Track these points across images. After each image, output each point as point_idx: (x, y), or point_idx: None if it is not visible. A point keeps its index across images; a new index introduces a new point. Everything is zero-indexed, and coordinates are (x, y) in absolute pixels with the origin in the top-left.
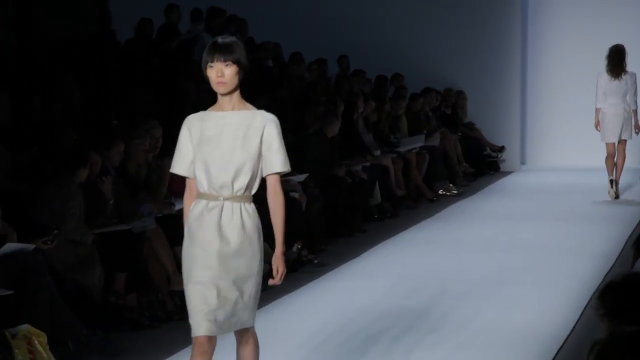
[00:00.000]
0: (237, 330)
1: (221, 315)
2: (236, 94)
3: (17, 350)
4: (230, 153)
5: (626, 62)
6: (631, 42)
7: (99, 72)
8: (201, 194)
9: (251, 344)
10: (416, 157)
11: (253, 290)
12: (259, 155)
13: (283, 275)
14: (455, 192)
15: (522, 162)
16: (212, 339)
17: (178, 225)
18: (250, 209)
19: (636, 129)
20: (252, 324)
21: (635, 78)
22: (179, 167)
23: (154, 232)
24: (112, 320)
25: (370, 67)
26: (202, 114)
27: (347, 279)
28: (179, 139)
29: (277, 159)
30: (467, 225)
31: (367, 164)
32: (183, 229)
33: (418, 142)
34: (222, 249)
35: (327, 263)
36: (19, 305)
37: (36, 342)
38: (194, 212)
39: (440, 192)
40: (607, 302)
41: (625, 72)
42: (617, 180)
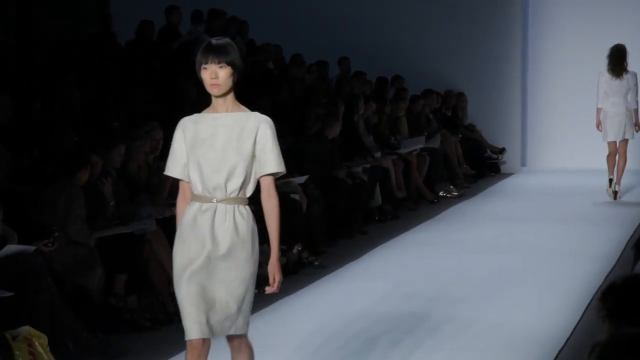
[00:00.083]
0: (230, 337)
1: (213, 318)
2: (230, 96)
3: (17, 352)
4: (224, 154)
5: (627, 61)
6: (631, 43)
7: (99, 73)
8: (195, 196)
9: (246, 352)
10: (417, 158)
11: (247, 295)
12: (253, 156)
13: (280, 283)
14: (455, 193)
15: (523, 164)
16: (205, 341)
17: None
18: (245, 212)
19: (637, 127)
20: (245, 331)
21: (637, 77)
22: (172, 169)
23: (155, 233)
24: (112, 322)
25: (370, 69)
26: (196, 116)
27: (348, 281)
28: (172, 141)
29: (271, 160)
30: (467, 227)
31: (368, 166)
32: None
33: (418, 144)
34: (212, 251)
35: (328, 265)
36: (19, 307)
37: (37, 343)
38: (188, 215)
39: (440, 193)
40: (608, 304)
41: (627, 71)
42: (619, 182)
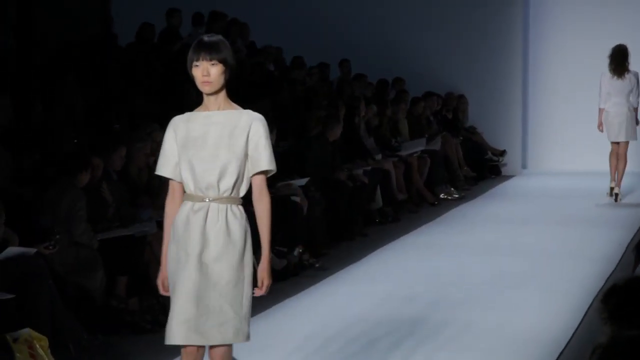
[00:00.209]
0: (212, 348)
1: (207, 324)
2: (222, 94)
3: (18, 354)
4: (216, 153)
5: (629, 61)
6: (632, 44)
7: (100, 75)
8: (187, 196)
9: None
10: (417, 161)
11: (244, 300)
12: (246, 154)
13: (268, 286)
14: (456, 196)
15: (524, 166)
16: (200, 348)
17: None
18: (238, 212)
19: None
20: (245, 337)
21: (638, 77)
22: (163, 169)
23: (155, 236)
24: (113, 324)
25: (371, 71)
26: (187, 115)
27: (349, 283)
28: (164, 140)
29: (263, 157)
30: (468, 229)
31: (369, 168)
32: None
33: (419, 146)
34: (204, 253)
35: (329, 267)
36: (20, 309)
37: (37, 346)
38: (181, 216)
39: (441, 196)
40: (609, 306)
41: (629, 71)
42: (619, 184)
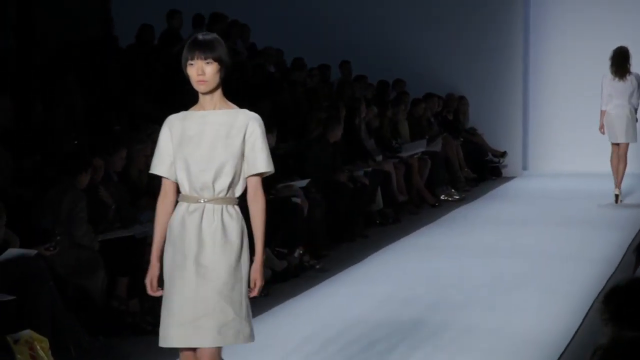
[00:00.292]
0: (201, 350)
1: (205, 326)
2: (218, 93)
3: (19, 356)
4: (212, 153)
5: (630, 63)
6: (633, 46)
7: (100, 76)
8: (182, 196)
9: None
10: (418, 162)
11: (243, 300)
12: (242, 154)
13: (261, 288)
14: (457, 197)
15: (524, 168)
16: (197, 350)
17: None
18: (234, 212)
19: None
20: (246, 338)
21: None
22: (158, 168)
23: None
24: (114, 326)
25: (372, 73)
26: (183, 113)
27: (349, 285)
28: (159, 139)
29: (259, 159)
30: (468, 230)
31: (369, 169)
32: None
33: (420, 148)
34: (200, 254)
35: (329, 268)
36: (21, 311)
37: (38, 347)
38: (176, 217)
39: (442, 197)
40: (610, 307)
41: (630, 73)
42: (619, 185)
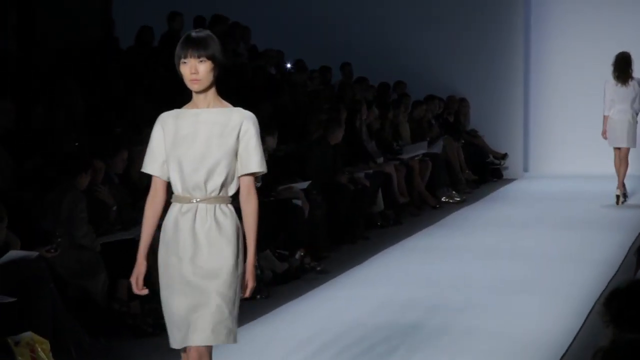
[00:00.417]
0: (193, 348)
1: (202, 324)
2: (212, 91)
3: (20, 358)
4: (205, 152)
5: (632, 68)
6: (634, 49)
7: (101, 77)
8: (175, 197)
9: None
10: (419, 164)
11: (236, 299)
12: (235, 153)
13: (252, 289)
14: (458, 199)
15: (525, 170)
16: (201, 352)
17: None
18: (228, 210)
19: None
20: (235, 338)
21: None
22: (150, 166)
23: (157, 239)
24: (115, 327)
25: (373, 75)
26: (176, 111)
27: (350, 286)
28: (151, 137)
29: (253, 159)
30: (469, 232)
31: (370, 171)
32: None
33: (421, 150)
34: (196, 255)
35: (330, 270)
36: (21, 313)
37: (39, 349)
38: (169, 219)
39: (443, 199)
40: (612, 309)
41: (632, 78)
42: (620, 187)
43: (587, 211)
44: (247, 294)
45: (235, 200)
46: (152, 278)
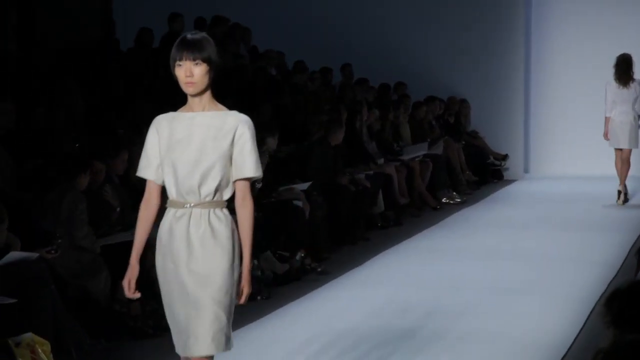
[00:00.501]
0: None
1: (203, 333)
2: (207, 94)
3: (20, 359)
4: (199, 156)
5: (633, 70)
6: (635, 50)
7: (101, 78)
8: (170, 202)
9: None
10: (419, 165)
11: (232, 305)
12: (230, 157)
13: (248, 296)
14: (458, 200)
15: (526, 171)
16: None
17: None
18: (222, 215)
19: None
20: (232, 344)
21: None
22: (145, 170)
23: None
24: (115, 329)
25: (373, 76)
26: (171, 114)
27: (351, 287)
28: (146, 140)
29: (248, 163)
30: (470, 233)
31: (371, 172)
32: None
33: (421, 151)
34: (191, 261)
35: (331, 271)
36: (22, 314)
37: (40, 350)
38: (164, 225)
39: (443, 200)
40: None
41: (633, 79)
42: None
43: (587, 212)
44: (243, 300)
45: (230, 203)
46: (151, 278)
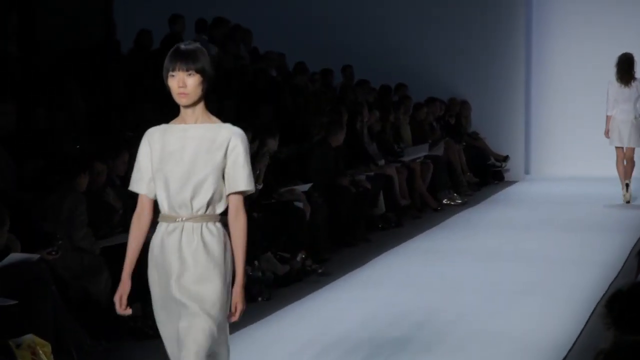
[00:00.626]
0: None
1: (195, 353)
2: (200, 106)
3: None
4: (191, 169)
5: (635, 69)
6: (636, 50)
7: (102, 80)
8: (162, 216)
9: None
10: (420, 166)
11: (226, 322)
12: (222, 170)
13: (241, 312)
14: (459, 201)
15: (527, 172)
16: None
17: None
18: (215, 229)
19: None
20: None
21: None
22: (137, 184)
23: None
24: (116, 330)
25: (374, 77)
26: (164, 126)
27: (352, 289)
28: (138, 153)
29: (241, 177)
30: (471, 234)
31: (371, 174)
32: None
33: (422, 152)
34: (183, 276)
35: (331, 272)
36: (23, 315)
37: (40, 352)
38: (156, 239)
39: (444, 201)
40: (613, 311)
41: (635, 79)
42: (629, 177)
43: (588, 213)
44: (236, 317)
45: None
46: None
